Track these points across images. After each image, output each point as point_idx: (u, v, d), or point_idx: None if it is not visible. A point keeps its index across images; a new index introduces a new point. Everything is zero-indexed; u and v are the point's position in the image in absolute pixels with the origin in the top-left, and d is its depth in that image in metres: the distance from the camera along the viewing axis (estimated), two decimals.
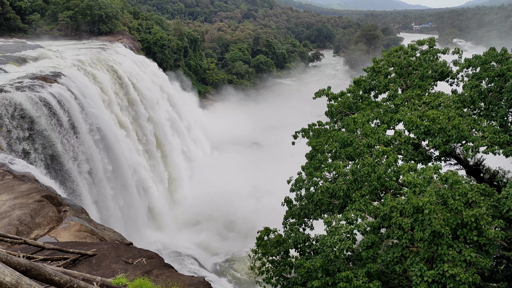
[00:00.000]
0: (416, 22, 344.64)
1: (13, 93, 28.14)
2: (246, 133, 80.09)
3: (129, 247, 14.08)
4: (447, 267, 9.97)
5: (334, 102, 18.32)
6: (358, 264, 12.21)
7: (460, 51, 17.20)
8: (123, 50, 63.08)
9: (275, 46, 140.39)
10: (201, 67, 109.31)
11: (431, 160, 14.39)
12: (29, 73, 34.81)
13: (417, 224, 10.39)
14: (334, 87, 19.44)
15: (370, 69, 18.77)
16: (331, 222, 11.85)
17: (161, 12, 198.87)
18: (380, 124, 15.34)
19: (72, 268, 11.05)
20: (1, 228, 14.67)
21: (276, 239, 14.81)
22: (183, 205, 52.08)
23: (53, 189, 22.26)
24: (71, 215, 17.86)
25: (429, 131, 13.33)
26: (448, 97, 15.43)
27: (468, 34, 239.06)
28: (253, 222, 42.02)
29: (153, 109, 54.75)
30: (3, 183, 19.19)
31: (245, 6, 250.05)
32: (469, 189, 10.71)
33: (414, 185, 11.02)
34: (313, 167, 15.17)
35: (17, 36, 73.24)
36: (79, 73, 40.29)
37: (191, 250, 42.71)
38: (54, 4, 79.96)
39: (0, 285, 3.73)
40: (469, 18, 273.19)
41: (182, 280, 11.09)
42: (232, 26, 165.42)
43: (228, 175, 56.83)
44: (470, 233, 10.30)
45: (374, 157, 13.16)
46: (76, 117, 32.26)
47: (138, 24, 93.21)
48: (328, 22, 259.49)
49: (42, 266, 5.44)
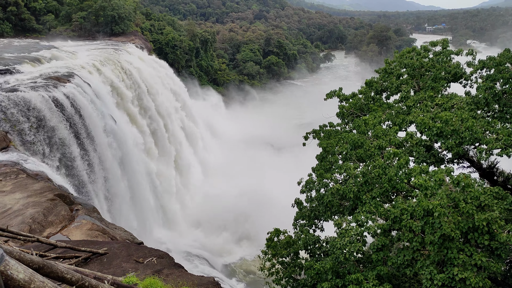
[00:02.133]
0: (429, 23, 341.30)
1: (28, 93, 28.55)
2: (258, 134, 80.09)
3: (139, 246, 14.18)
4: (457, 271, 9.85)
5: (346, 103, 18.24)
6: (368, 267, 12.13)
7: (474, 52, 16.97)
8: (136, 50, 63.59)
9: (287, 47, 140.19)
10: (213, 67, 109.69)
11: (444, 162, 14.23)
12: (43, 73, 35.27)
13: (427, 227, 10.29)
14: (346, 88, 19.34)
15: (382, 70, 18.65)
16: (341, 224, 11.80)
17: (173, 13, 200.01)
18: (391, 126, 15.23)
19: (83, 266, 11.16)
20: (15, 226, 14.89)
21: (286, 240, 14.78)
22: (194, 205, 52.29)
23: (66, 188, 22.53)
24: (83, 214, 18.06)
25: (442, 133, 13.17)
26: (461, 99, 15.24)
27: (483, 35, 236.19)
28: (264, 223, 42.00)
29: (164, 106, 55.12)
30: (17, 181, 19.47)
31: (257, 7, 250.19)
32: (481, 193, 10.57)
33: (425, 188, 10.92)
34: (324, 169, 15.12)
35: (32, 36, 74.38)
36: (92, 73, 40.74)
37: (201, 250, 42.86)
38: (68, 5, 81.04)
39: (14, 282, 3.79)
40: (483, 19, 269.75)
41: (192, 279, 11.15)
42: (244, 27, 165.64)
43: (239, 176, 56.89)
44: (482, 237, 10.16)
45: (385, 159, 13.07)
46: (89, 117, 32.60)
47: (151, 25, 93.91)
48: (340, 23, 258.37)
49: (54, 264, 5.51)
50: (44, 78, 33.05)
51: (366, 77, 21.16)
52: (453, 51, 17.75)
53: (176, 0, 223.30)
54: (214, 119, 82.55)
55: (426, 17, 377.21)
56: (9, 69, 34.52)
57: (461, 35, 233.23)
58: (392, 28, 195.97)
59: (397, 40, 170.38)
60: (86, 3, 79.98)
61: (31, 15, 77.25)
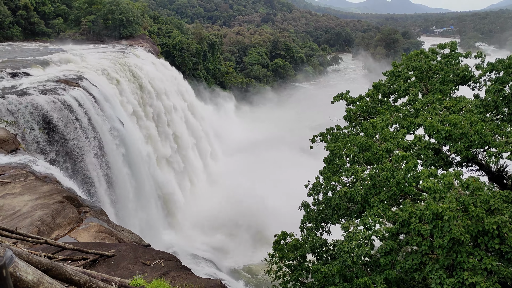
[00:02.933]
0: (437, 26, 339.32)
1: (37, 96, 28.82)
2: (264, 137, 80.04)
3: (147, 248, 14.22)
4: (467, 275, 9.75)
5: (353, 106, 18.18)
6: (376, 271, 12.04)
7: (483, 55, 16.85)
8: (144, 54, 64.00)
9: (294, 50, 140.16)
10: (220, 70, 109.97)
11: (452, 165, 14.12)
12: (52, 76, 35.60)
13: (436, 230, 10.20)
14: (353, 91, 19.28)
15: (389, 73, 18.57)
16: (349, 228, 11.74)
17: (181, 16, 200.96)
18: (399, 129, 15.15)
19: (91, 268, 11.21)
20: (24, 228, 14.99)
21: (293, 243, 14.73)
22: (201, 208, 52.33)
23: (74, 190, 22.65)
24: (90, 216, 18.13)
25: (451, 136, 13.08)
26: (470, 102, 15.12)
27: (491, 38, 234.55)
28: (271, 227, 41.92)
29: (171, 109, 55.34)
30: (26, 183, 19.61)
31: (264, 10, 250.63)
32: (491, 196, 10.46)
33: (434, 191, 10.83)
34: (331, 172, 15.06)
35: (41, 40, 75.12)
36: (100, 77, 41.04)
37: (207, 253, 42.87)
38: (77, 9, 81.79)
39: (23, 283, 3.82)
40: (492, 22, 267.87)
41: (199, 282, 11.14)
42: (251, 30, 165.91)
43: (246, 180, 56.86)
44: (492, 241, 10.05)
45: (393, 162, 12.99)
46: (97, 120, 32.82)
47: (158, 28, 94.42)
48: (347, 25, 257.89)
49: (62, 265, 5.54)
50: (53, 81, 33.36)
51: (373, 80, 21.08)
52: (461, 54, 17.63)
53: (184, 4, 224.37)
54: (222, 122, 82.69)
55: (434, 19, 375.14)
56: (18, 73, 34.88)
57: (470, 37, 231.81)
58: (400, 31, 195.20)
59: (404, 42, 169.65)
60: (94, 7, 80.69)
61: (41, 19, 78.03)
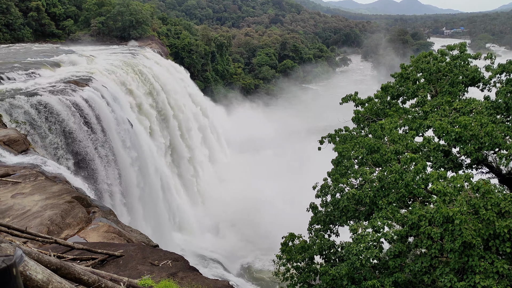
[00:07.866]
0: (447, 27, 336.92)
1: (47, 97, 29.09)
2: (273, 138, 79.96)
3: (155, 249, 14.27)
4: (478, 279, 9.64)
5: (361, 108, 18.09)
6: (384, 273, 11.96)
7: (493, 56, 16.68)
8: (153, 55, 64.34)
9: (302, 51, 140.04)
10: (228, 71, 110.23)
11: (462, 167, 13.98)
12: (62, 77, 35.91)
13: (447, 234, 10.09)
14: (362, 92, 19.20)
15: (398, 75, 18.45)
16: (357, 230, 11.67)
17: (190, 17, 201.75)
18: (408, 131, 15.04)
19: (100, 268, 11.27)
20: (33, 228, 15.12)
21: (300, 245, 14.68)
22: (209, 210, 52.41)
23: (83, 190, 22.81)
24: (99, 216, 18.24)
25: (461, 137, 12.95)
26: (480, 103, 14.97)
27: (502, 39, 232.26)
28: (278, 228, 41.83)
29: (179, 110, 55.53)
30: (36, 183, 19.80)
31: (273, 11, 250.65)
32: (502, 199, 10.34)
33: (444, 194, 10.73)
34: (339, 173, 15.00)
35: (51, 41, 75.90)
36: (109, 77, 41.32)
37: (215, 254, 42.91)
38: (87, 11, 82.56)
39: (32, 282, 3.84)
40: (503, 23, 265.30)
41: (207, 283, 11.15)
42: (259, 31, 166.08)
43: (254, 181, 56.88)
44: (503, 244, 9.93)
45: (402, 164, 12.89)
46: (106, 121, 33.04)
47: (167, 30, 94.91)
48: (356, 27, 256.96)
49: (71, 265, 5.58)
50: (63, 82, 33.64)
51: (382, 81, 20.98)
52: (471, 55, 17.47)
53: (193, 5, 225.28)
54: (231, 123, 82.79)
55: (444, 20, 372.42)
56: (29, 73, 35.24)
57: (480, 38, 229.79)
58: (410, 32, 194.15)
59: (414, 44, 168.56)
60: (104, 8, 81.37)
61: (51, 20, 78.88)
